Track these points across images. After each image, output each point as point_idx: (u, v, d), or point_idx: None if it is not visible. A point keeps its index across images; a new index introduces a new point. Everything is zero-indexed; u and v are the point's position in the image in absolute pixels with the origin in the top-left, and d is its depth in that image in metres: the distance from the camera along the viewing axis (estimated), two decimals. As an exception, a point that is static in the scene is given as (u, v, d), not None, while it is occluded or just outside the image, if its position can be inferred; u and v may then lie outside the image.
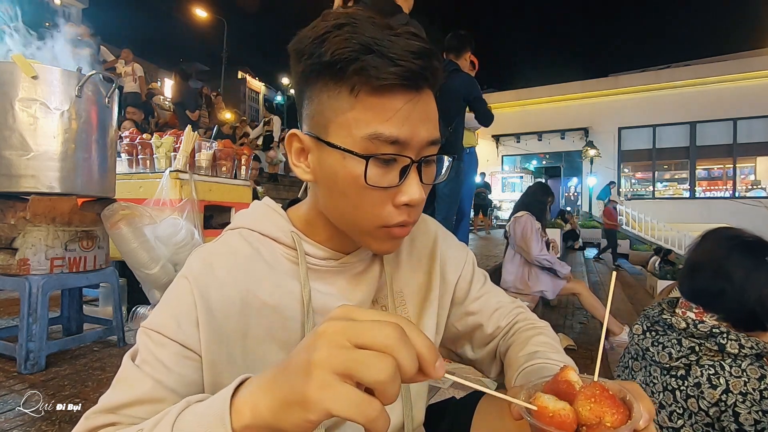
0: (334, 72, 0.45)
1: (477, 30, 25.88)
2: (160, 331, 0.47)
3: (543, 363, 0.53)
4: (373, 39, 0.43)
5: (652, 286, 4.01)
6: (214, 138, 3.53)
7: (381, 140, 0.45)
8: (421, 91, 0.47)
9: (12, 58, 1.58)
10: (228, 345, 0.49)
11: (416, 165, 0.47)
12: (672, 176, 13.05)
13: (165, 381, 0.45)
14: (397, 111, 0.45)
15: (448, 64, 2.84)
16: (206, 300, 0.49)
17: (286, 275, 0.53)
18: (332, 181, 0.48)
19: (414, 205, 0.48)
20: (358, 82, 0.44)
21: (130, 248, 1.81)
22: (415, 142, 0.46)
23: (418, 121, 0.46)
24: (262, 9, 44.14)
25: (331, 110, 0.47)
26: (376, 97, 0.45)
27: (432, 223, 0.69)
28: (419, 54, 0.44)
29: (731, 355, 0.83)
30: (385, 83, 0.44)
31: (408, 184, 0.47)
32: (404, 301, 0.62)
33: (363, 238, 0.51)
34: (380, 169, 0.46)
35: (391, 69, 0.43)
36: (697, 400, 0.84)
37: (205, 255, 0.52)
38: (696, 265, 0.95)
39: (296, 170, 0.52)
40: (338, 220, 0.52)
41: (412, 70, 0.44)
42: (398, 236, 0.50)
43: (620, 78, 13.04)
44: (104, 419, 0.43)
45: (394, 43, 0.43)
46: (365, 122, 0.45)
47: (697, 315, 0.93)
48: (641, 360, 1.01)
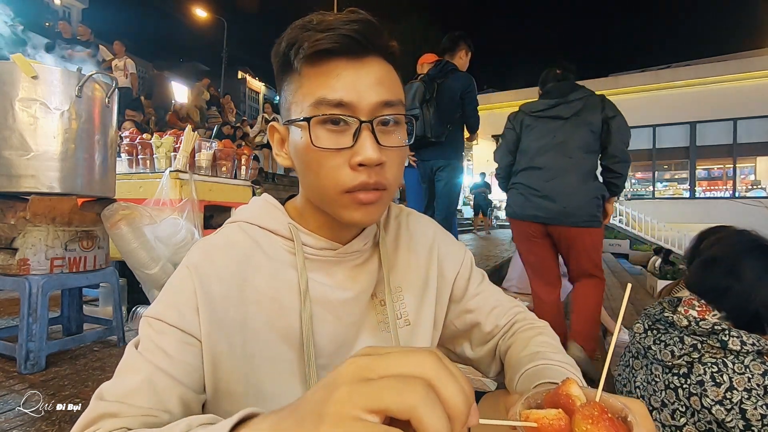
0: (286, 60, 0.50)
1: (477, 30, 25.71)
2: (162, 319, 0.48)
3: (545, 364, 0.54)
4: (313, 21, 0.48)
5: (652, 286, 4.01)
6: (214, 138, 3.53)
7: (325, 104, 0.47)
8: (364, 57, 0.49)
9: (12, 58, 1.58)
10: (228, 334, 0.50)
11: (369, 125, 0.48)
12: (672, 176, 13.05)
13: (167, 368, 0.46)
14: (337, 76, 0.47)
15: (446, 64, 2.86)
16: (206, 289, 0.50)
17: (285, 265, 0.54)
18: (298, 158, 0.52)
19: (369, 165, 0.48)
20: (298, 58, 0.48)
21: (130, 248, 1.81)
22: (364, 104, 0.48)
23: (366, 86, 0.48)
24: (262, 9, 44.30)
25: (290, 94, 0.51)
26: (316, 67, 0.48)
27: (430, 223, 0.70)
28: (352, 21, 0.47)
29: (733, 351, 0.83)
30: (317, 49, 0.46)
31: (360, 144, 0.48)
32: (402, 296, 0.62)
33: (334, 209, 0.51)
34: (331, 133, 0.48)
35: (321, 35, 0.46)
36: (700, 397, 0.84)
37: (205, 246, 0.54)
38: (712, 260, 0.96)
39: (278, 159, 0.57)
40: (313, 197, 0.54)
41: (345, 34, 0.46)
42: (365, 202, 0.50)
43: (620, 78, 13.04)
44: (107, 408, 0.43)
45: (332, 18, 0.48)
46: (310, 93, 0.48)
47: (700, 313, 0.93)
48: (642, 358, 1.01)
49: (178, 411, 0.45)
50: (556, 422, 0.34)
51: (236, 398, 0.50)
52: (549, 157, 1.95)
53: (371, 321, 0.60)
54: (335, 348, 0.56)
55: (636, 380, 1.01)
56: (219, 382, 0.49)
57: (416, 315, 0.63)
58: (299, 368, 0.54)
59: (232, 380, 0.50)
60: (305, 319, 0.53)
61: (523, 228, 2.05)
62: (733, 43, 48.41)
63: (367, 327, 0.60)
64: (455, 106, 2.78)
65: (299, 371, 0.54)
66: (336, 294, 0.55)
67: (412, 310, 0.63)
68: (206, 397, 0.50)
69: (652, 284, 4.04)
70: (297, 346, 0.54)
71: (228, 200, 2.84)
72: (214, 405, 0.50)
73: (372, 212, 0.51)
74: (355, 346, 0.58)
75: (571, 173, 1.91)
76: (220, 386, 0.50)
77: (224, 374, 0.49)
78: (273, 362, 0.53)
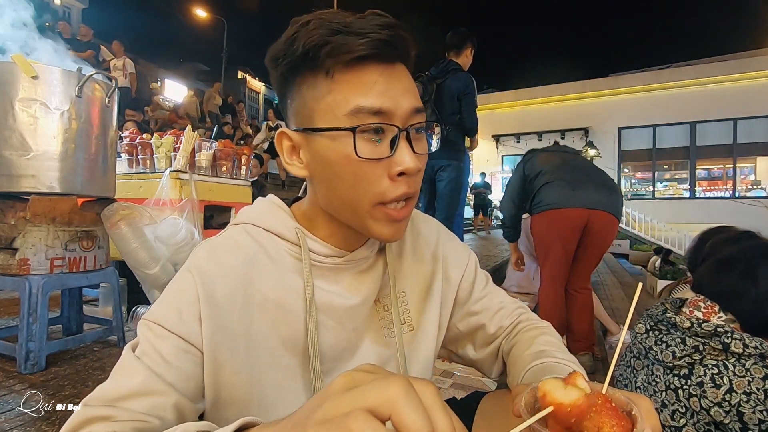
0: (308, 62, 0.46)
1: (477, 30, 26.08)
2: (161, 324, 0.47)
3: (550, 362, 0.54)
4: (338, 23, 0.45)
5: (652, 286, 4.01)
6: (214, 138, 3.53)
7: (364, 113, 0.45)
8: (394, 63, 0.48)
9: (12, 58, 1.58)
10: (231, 339, 0.49)
11: (405, 134, 0.47)
12: (672, 176, 13.05)
13: (163, 374, 0.45)
14: (374, 83, 0.46)
15: (449, 63, 2.84)
16: (210, 293, 0.49)
17: (290, 271, 0.53)
18: (326, 168, 0.49)
19: (410, 174, 0.48)
20: (331, 63, 0.45)
21: (130, 248, 1.81)
22: (399, 111, 0.47)
23: (398, 92, 0.47)
24: (262, 9, 44.27)
25: (313, 100, 0.48)
26: (351, 72, 0.46)
27: (434, 224, 0.69)
28: (385, 26, 0.45)
29: (735, 354, 0.83)
30: (356, 55, 0.45)
31: (400, 153, 0.47)
32: (406, 301, 0.62)
33: (364, 223, 0.50)
34: (370, 143, 0.47)
35: (359, 41, 0.44)
36: (699, 399, 0.84)
37: (209, 249, 0.53)
38: (726, 263, 0.95)
39: (290, 168, 0.53)
40: (338, 209, 0.51)
41: (381, 39, 0.45)
42: (396, 219, 0.49)
43: (620, 78, 13.03)
44: (100, 411, 0.42)
45: (358, 20, 0.46)
46: (345, 100, 0.46)
47: (705, 314, 0.92)
48: (644, 359, 1.01)
49: (172, 418, 0.44)
50: (574, 408, 0.33)
51: (239, 405, 0.50)
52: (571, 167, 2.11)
53: (374, 326, 0.59)
54: (338, 353, 0.56)
55: (637, 380, 1.01)
56: (221, 389, 0.49)
57: (420, 320, 0.62)
58: (302, 374, 0.53)
59: (235, 387, 0.49)
60: (311, 329, 0.52)
61: (570, 217, 2.02)
62: (733, 43, 48.39)
63: (371, 332, 0.59)
64: (454, 107, 2.77)
65: (302, 378, 0.53)
66: (340, 301, 0.55)
67: (416, 314, 0.62)
68: (204, 407, 0.49)
69: (652, 284, 4.04)
70: (299, 353, 0.53)
71: (228, 200, 2.84)
72: (215, 413, 0.49)
73: (401, 229, 0.51)
74: (357, 352, 0.58)
75: (599, 173, 2.12)
76: (223, 394, 0.49)
77: (227, 381, 0.49)
78: (276, 368, 0.52)
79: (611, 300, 3.57)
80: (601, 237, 2.05)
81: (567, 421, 0.33)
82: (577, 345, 2.10)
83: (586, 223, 2.02)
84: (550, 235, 2.11)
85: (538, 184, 2.09)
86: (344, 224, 0.53)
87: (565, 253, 2.09)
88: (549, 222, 2.10)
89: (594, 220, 2.02)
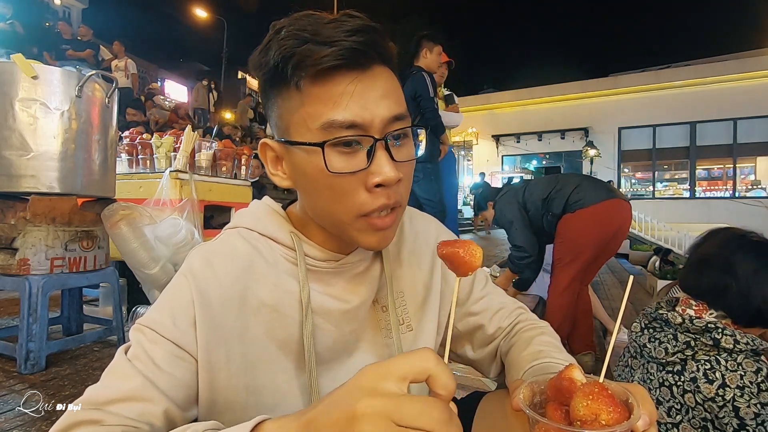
0: (280, 74, 0.45)
1: (477, 29, 25.19)
2: (155, 329, 0.47)
3: (548, 362, 0.54)
4: (305, 30, 0.43)
5: (652, 286, 4.01)
6: (214, 138, 3.53)
7: (336, 127, 0.44)
8: (369, 68, 0.45)
9: (12, 58, 1.58)
10: (226, 344, 0.49)
11: (383, 143, 0.45)
12: (672, 176, 13.05)
13: (155, 380, 0.44)
14: (343, 94, 0.43)
15: (411, 68, 2.90)
16: (205, 298, 0.48)
17: (285, 275, 0.53)
18: (305, 181, 0.48)
19: (388, 185, 0.46)
20: (299, 75, 0.44)
21: (130, 248, 1.81)
22: (376, 120, 0.44)
23: (373, 100, 0.44)
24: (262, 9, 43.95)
25: (287, 112, 0.47)
26: (319, 84, 0.44)
27: (433, 223, 0.69)
28: (354, 31, 0.43)
29: (726, 349, 0.84)
30: (322, 67, 0.43)
31: (377, 163, 0.45)
32: (404, 302, 0.61)
33: (348, 234, 0.49)
34: (344, 155, 0.45)
35: (325, 52, 0.42)
36: (694, 394, 0.84)
37: (204, 253, 0.52)
38: (704, 261, 0.95)
39: (274, 179, 0.52)
40: (322, 220, 0.51)
41: (348, 47, 0.42)
42: (381, 227, 0.48)
43: (620, 78, 13.03)
44: (88, 415, 0.42)
45: (325, 28, 0.43)
46: (317, 113, 0.44)
47: (697, 312, 0.93)
48: (639, 357, 1.01)
49: (161, 425, 0.43)
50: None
51: (236, 409, 0.49)
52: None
53: (372, 327, 0.59)
54: (334, 355, 0.56)
55: (633, 379, 1.01)
56: (218, 394, 0.48)
57: (419, 320, 0.62)
58: (297, 377, 0.53)
59: (230, 391, 0.49)
60: (307, 333, 0.52)
61: (613, 207, 2.01)
62: (733, 43, 48.32)
63: (369, 333, 0.59)
64: (416, 110, 2.76)
65: (298, 380, 0.53)
66: (337, 304, 0.54)
67: (415, 315, 0.62)
68: (195, 414, 0.49)
69: (652, 284, 4.04)
70: (295, 355, 0.53)
71: (228, 200, 2.84)
72: (211, 418, 0.48)
73: (388, 236, 0.50)
74: (355, 353, 0.58)
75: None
76: (219, 398, 0.49)
77: (222, 386, 0.48)
78: (272, 372, 0.52)
79: (611, 300, 3.58)
80: (626, 229, 2.09)
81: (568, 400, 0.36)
82: (580, 344, 2.11)
83: (624, 213, 2.05)
84: (590, 233, 2.04)
85: (567, 191, 2.06)
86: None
87: (595, 253, 2.07)
88: (591, 217, 2.03)
89: (628, 210, 2.06)
